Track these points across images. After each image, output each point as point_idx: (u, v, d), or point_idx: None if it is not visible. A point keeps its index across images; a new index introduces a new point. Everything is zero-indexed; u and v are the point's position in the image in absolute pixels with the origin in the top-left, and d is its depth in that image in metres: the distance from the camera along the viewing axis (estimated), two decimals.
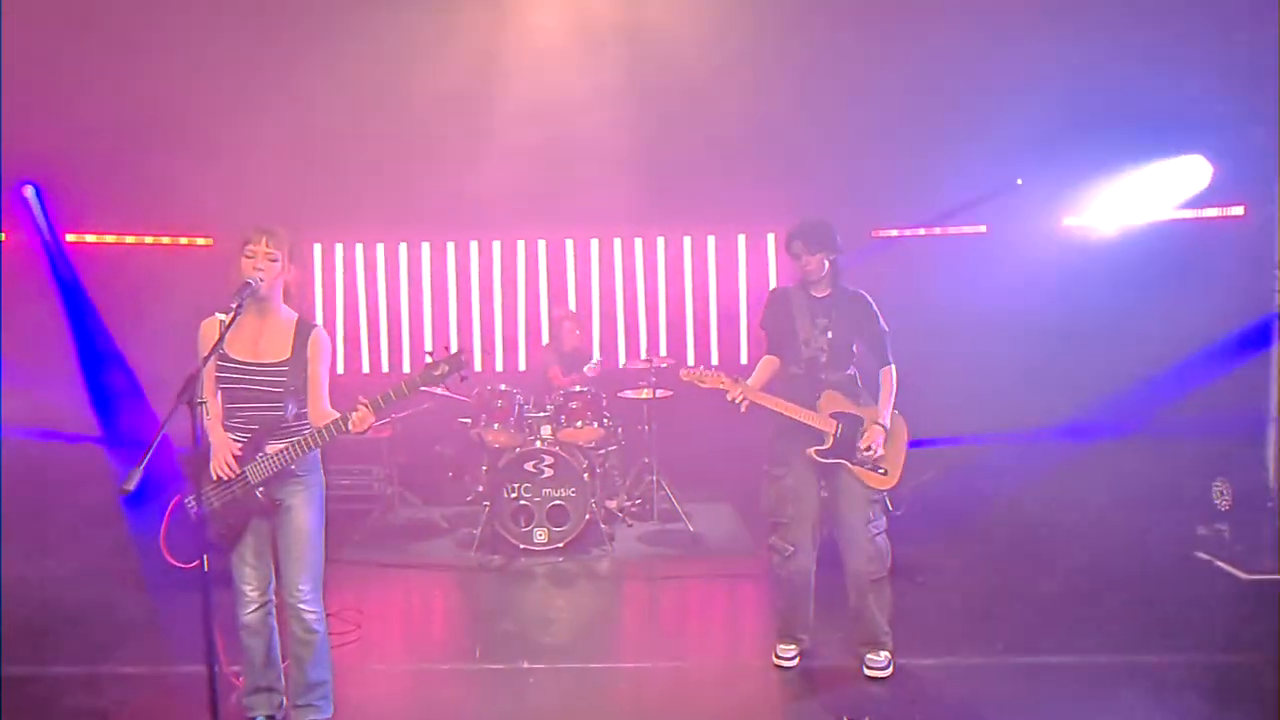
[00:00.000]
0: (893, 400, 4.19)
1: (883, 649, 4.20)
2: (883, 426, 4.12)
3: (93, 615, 5.01)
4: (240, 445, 3.43)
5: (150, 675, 4.27)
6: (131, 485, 2.65)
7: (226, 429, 3.48)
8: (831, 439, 4.10)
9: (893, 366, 4.23)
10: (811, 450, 4.12)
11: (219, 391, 3.47)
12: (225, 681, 3.73)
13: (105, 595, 5.24)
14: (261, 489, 3.45)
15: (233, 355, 3.42)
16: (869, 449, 4.07)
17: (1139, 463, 6.49)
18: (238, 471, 3.43)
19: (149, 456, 2.72)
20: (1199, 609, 4.98)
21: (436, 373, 3.46)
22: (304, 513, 3.51)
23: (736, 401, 4.05)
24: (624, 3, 6.15)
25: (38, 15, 5.46)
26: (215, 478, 3.41)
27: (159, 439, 2.77)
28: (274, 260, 3.43)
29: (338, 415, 3.41)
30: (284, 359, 3.44)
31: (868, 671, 4.20)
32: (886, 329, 4.24)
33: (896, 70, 6.45)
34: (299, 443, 3.42)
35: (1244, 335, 6.12)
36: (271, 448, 3.44)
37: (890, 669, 4.19)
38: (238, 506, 3.47)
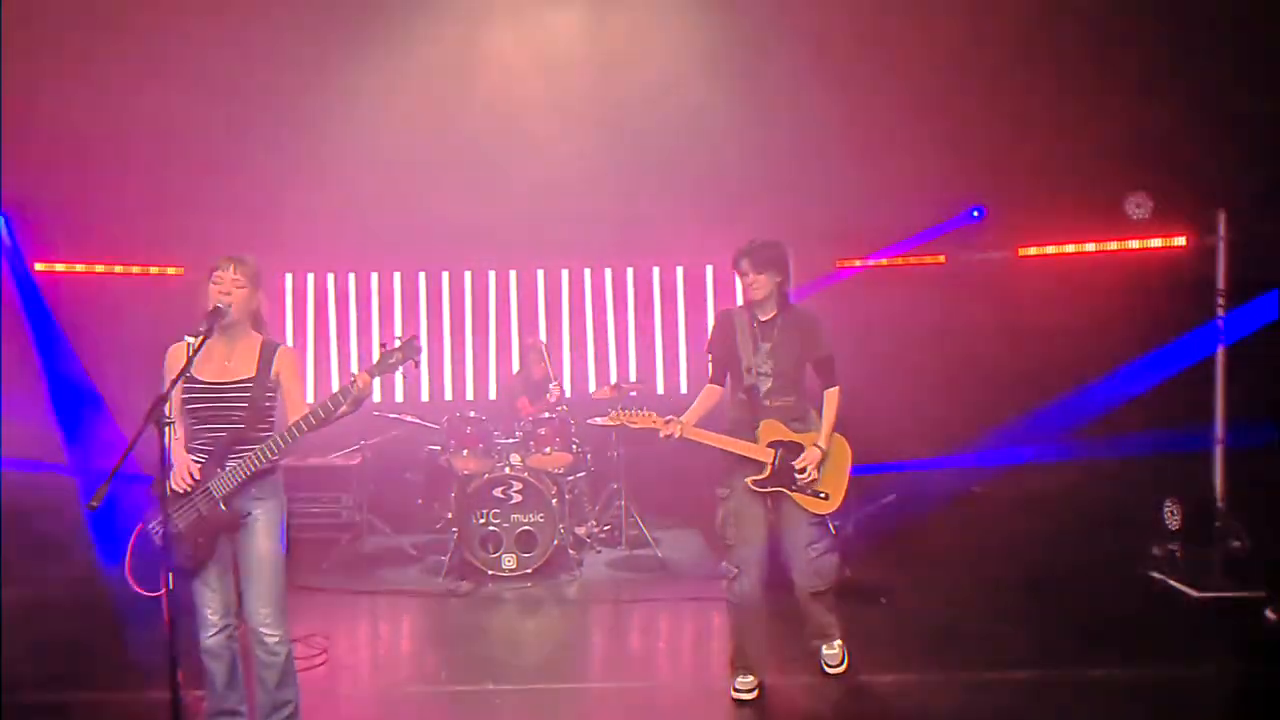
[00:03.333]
0: (833, 422, 4.16)
1: (834, 644, 4.37)
2: (820, 448, 4.11)
3: (55, 643, 4.96)
4: (201, 463, 3.47)
5: (113, 702, 4.26)
6: (97, 502, 2.70)
7: (193, 450, 3.52)
8: (770, 468, 4.12)
9: (836, 389, 4.19)
10: (749, 480, 4.13)
11: (185, 414, 3.52)
12: (189, 706, 3.74)
13: (68, 623, 5.20)
14: (225, 503, 3.48)
15: (200, 377, 3.48)
16: (803, 471, 4.10)
17: (1092, 483, 6.68)
18: (195, 482, 3.43)
19: (115, 474, 2.76)
20: (1151, 626, 5.11)
21: (392, 360, 3.53)
22: (265, 536, 3.54)
23: (667, 437, 4.05)
24: (594, 43, 6.32)
25: (8, 43, 5.52)
26: (171, 492, 3.40)
27: (125, 458, 2.82)
28: (242, 287, 3.53)
29: (305, 409, 3.47)
30: (249, 376, 3.52)
31: (825, 667, 4.36)
32: (831, 351, 4.20)
33: (859, 104, 6.67)
34: (275, 443, 3.44)
35: (1186, 342, 6.34)
36: (231, 463, 3.47)
37: (844, 660, 4.36)
38: (204, 524, 3.47)
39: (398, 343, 3.55)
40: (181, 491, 3.44)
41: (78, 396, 6.45)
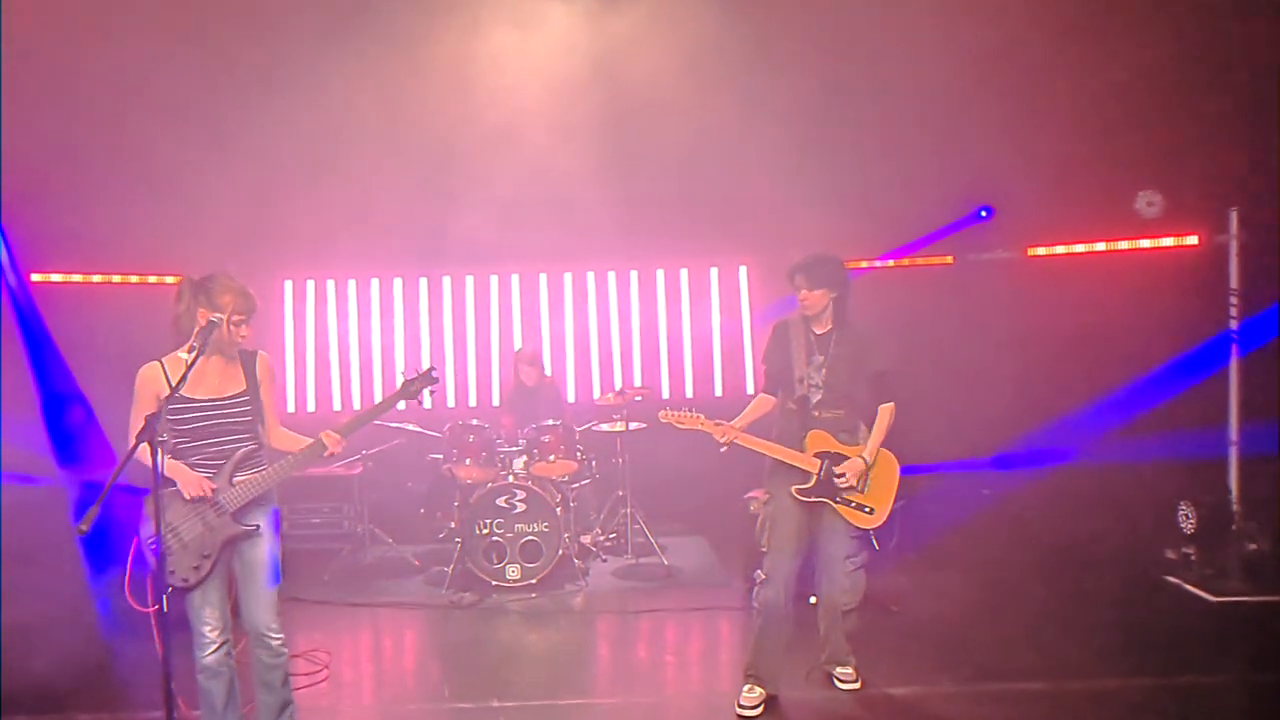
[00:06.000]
0: (882, 437, 4.18)
1: (850, 666, 4.40)
2: (864, 460, 4.12)
3: (48, 663, 4.85)
4: (210, 476, 3.48)
5: None
6: (88, 526, 2.62)
7: (192, 466, 3.50)
8: (815, 478, 4.13)
9: (891, 405, 4.19)
10: (794, 488, 4.14)
11: (177, 433, 3.50)
12: None
13: (60, 642, 5.10)
14: (234, 517, 3.51)
15: (192, 395, 3.47)
16: (843, 476, 4.09)
17: (1105, 487, 6.58)
18: (211, 496, 3.46)
19: (105, 497, 2.69)
20: (1168, 633, 5.03)
21: (413, 388, 3.79)
22: (268, 544, 3.58)
23: (720, 442, 4.10)
24: (596, 42, 6.24)
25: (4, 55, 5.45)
26: (190, 498, 3.44)
27: (115, 479, 2.74)
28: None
29: (305, 440, 3.60)
30: (242, 390, 3.57)
31: (839, 685, 4.38)
32: (888, 367, 4.19)
33: (865, 105, 6.58)
34: (274, 469, 3.54)
35: (1202, 353, 6.26)
36: (240, 478, 3.51)
37: (859, 681, 4.38)
38: (213, 537, 3.48)
39: (406, 373, 3.83)
40: (193, 500, 3.44)
41: (72, 409, 6.35)
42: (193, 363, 3.31)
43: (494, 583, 5.94)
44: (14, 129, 5.83)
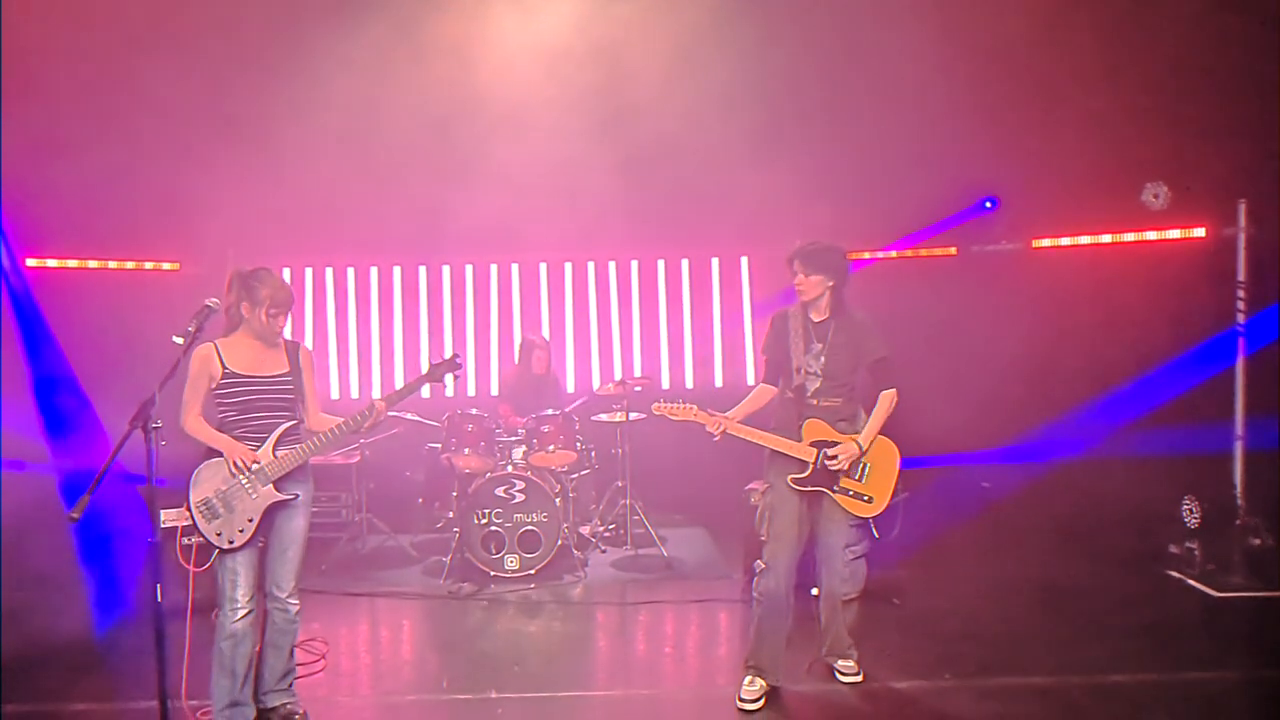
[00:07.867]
0: (880, 423, 4.13)
1: (851, 659, 4.40)
2: (857, 444, 4.08)
3: (43, 652, 4.82)
4: (254, 447, 3.73)
5: (105, 712, 4.14)
6: (78, 514, 2.59)
7: (237, 438, 3.74)
8: (811, 467, 4.10)
9: (892, 391, 4.15)
10: (790, 478, 4.11)
11: (226, 407, 3.76)
12: (180, 716, 3.69)
13: (56, 630, 5.07)
14: (276, 485, 3.75)
15: (240, 371, 3.76)
16: (835, 459, 4.05)
17: (1108, 481, 6.55)
18: (253, 466, 3.68)
19: (97, 485, 2.65)
20: (1171, 628, 4.99)
21: (438, 373, 4.07)
22: (303, 515, 3.88)
23: (712, 433, 4.07)
24: (599, 28, 6.18)
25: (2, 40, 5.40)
26: (233, 473, 3.68)
27: (108, 467, 2.71)
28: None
29: (340, 419, 3.85)
30: (285, 371, 3.86)
31: (841, 678, 4.37)
32: (887, 353, 4.15)
33: (868, 94, 6.52)
34: (319, 438, 3.80)
35: (1207, 348, 6.22)
36: (282, 450, 3.75)
37: (861, 674, 4.37)
38: (257, 503, 3.71)
39: (432, 359, 4.17)
40: (240, 471, 3.67)
41: (65, 396, 6.30)
42: (189, 344, 3.48)
43: (492, 573, 5.91)
44: (11, 114, 5.77)
